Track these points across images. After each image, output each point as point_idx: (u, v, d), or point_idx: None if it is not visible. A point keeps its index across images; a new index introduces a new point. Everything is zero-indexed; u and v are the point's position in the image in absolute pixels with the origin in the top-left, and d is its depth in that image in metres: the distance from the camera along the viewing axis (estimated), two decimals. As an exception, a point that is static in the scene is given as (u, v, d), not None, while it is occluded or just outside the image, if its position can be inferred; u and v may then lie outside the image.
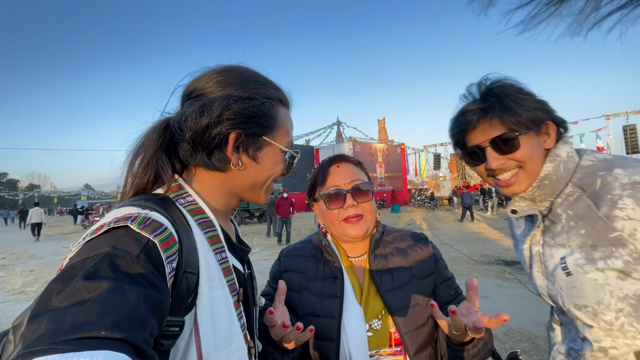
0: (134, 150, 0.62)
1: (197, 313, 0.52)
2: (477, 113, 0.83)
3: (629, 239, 0.72)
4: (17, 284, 6.65)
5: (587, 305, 0.77)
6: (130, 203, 0.53)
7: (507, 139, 0.81)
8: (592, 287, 0.76)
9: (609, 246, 0.74)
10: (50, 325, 0.35)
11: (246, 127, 0.60)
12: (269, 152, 0.64)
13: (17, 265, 9.03)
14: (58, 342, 0.34)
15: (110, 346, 0.34)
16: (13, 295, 5.91)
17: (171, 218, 0.53)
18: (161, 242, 0.48)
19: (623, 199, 0.73)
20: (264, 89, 0.64)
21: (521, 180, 0.83)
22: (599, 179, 0.77)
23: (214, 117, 0.58)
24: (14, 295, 5.93)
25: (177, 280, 0.50)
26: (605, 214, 0.74)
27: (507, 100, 0.81)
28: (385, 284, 0.88)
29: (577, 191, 0.80)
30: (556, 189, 0.83)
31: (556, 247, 0.83)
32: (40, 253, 11.25)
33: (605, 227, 0.74)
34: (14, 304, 5.42)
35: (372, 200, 0.93)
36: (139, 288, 0.41)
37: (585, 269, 0.76)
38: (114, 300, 0.38)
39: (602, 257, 0.74)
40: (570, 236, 0.80)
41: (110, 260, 0.42)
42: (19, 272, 7.93)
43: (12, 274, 7.67)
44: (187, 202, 0.60)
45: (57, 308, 0.37)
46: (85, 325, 0.35)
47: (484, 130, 0.83)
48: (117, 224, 0.47)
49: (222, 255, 0.60)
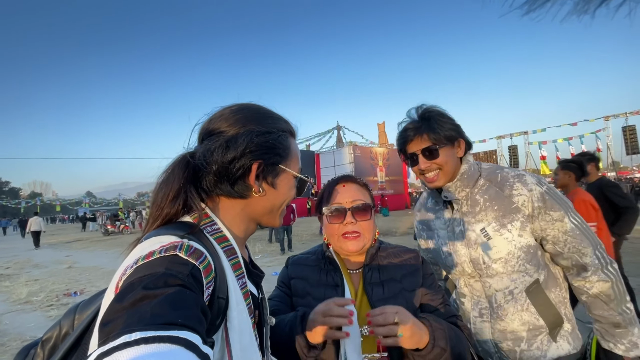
0: (159, 185, 0.67)
1: (230, 336, 0.57)
2: (414, 130, 1.19)
3: (521, 207, 1.15)
4: (22, 293, 6.69)
5: (501, 257, 1.15)
6: (168, 232, 0.57)
7: (432, 150, 1.17)
8: (505, 243, 1.15)
9: (511, 214, 1.16)
10: (132, 319, 0.39)
11: (266, 157, 0.67)
12: (284, 179, 0.71)
13: (21, 274, 9.08)
14: (147, 325, 0.38)
15: (187, 330, 0.40)
16: (19, 305, 5.94)
17: (205, 247, 0.57)
18: (204, 270, 0.53)
19: (516, 184, 1.18)
20: (278, 123, 0.71)
21: (440, 177, 1.21)
22: (499, 174, 1.23)
23: (240, 151, 0.64)
24: (20, 305, 5.97)
25: (211, 305, 0.54)
26: (508, 194, 1.18)
27: (433, 123, 1.16)
28: (377, 294, 0.96)
29: (487, 183, 1.23)
30: (470, 182, 1.23)
31: (476, 223, 1.20)
32: (44, 262, 11.29)
33: (509, 202, 1.17)
34: (21, 313, 5.47)
35: (371, 220, 1.02)
36: (194, 295, 0.47)
37: (500, 232, 1.16)
38: (179, 299, 0.44)
39: (509, 221, 1.16)
40: (488, 212, 1.19)
41: (166, 277, 0.47)
42: (24, 281, 7.97)
43: (17, 284, 7.72)
44: (214, 230, 0.65)
45: (130, 310, 0.41)
46: (163, 315, 0.40)
47: (417, 142, 1.19)
48: (167, 252, 0.51)
49: (242, 281, 0.65)
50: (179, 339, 0.38)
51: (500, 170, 1.25)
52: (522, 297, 1.16)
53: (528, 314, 1.16)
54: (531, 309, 1.16)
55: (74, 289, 6.85)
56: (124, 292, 0.44)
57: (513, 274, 1.16)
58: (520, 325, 1.16)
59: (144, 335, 0.37)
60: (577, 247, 1.13)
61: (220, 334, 0.57)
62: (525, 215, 1.15)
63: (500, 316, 1.18)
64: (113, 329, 0.39)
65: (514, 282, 1.17)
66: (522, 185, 1.17)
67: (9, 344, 4.19)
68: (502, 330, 1.18)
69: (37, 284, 7.60)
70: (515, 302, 1.16)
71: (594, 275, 1.12)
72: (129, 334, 0.37)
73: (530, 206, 1.15)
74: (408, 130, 1.20)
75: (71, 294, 6.45)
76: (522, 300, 1.16)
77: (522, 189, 1.16)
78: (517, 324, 1.16)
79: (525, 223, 1.15)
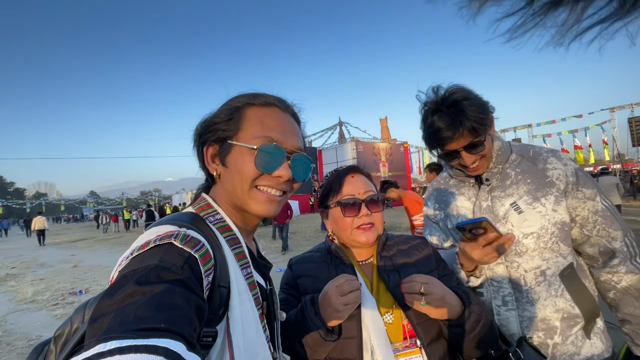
0: None
1: (230, 325, 0.56)
2: (451, 130, 1.06)
3: (555, 181, 1.10)
4: (28, 292, 6.73)
5: (534, 232, 1.08)
6: (168, 222, 0.58)
7: (476, 144, 1.09)
8: (538, 217, 1.08)
9: (545, 188, 1.10)
10: (115, 320, 0.39)
11: (207, 137, 0.67)
12: (235, 154, 0.65)
13: (27, 274, 9.14)
14: (126, 331, 0.37)
15: (169, 337, 0.38)
16: (25, 304, 5.98)
17: (205, 236, 0.57)
18: (200, 257, 0.52)
19: (550, 158, 1.14)
20: (230, 103, 0.69)
21: (483, 165, 1.15)
22: (531, 149, 1.20)
23: (195, 141, 0.70)
24: (26, 304, 6.00)
25: (212, 293, 0.54)
26: (542, 167, 1.13)
27: (466, 114, 1.03)
28: (394, 280, 0.93)
29: (518, 158, 1.18)
30: (504, 158, 1.18)
31: (505, 197, 1.14)
32: (50, 261, 11.38)
33: (543, 175, 1.12)
34: (26, 312, 5.49)
35: (382, 211, 1.01)
36: (185, 292, 0.45)
37: (533, 205, 1.09)
38: (167, 300, 0.43)
39: (542, 195, 1.09)
40: (519, 186, 1.13)
41: (158, 270, 0.46)
42: (30, 280, 8.02)
43: (23, 283, 7.76)
44: (216, 219, 0.65)
45: (117, 307, 0.41)
46: (147, 318, 0.39)
47: (458, 141, 1.08)
48: (161, 241, 0.51)
49: (247, 271, 0.64)
50: (157, 348, 0.36)
51: (532, 147, 1.21)
52: (556, 281, 1.06)
53: (563, 300, 1.05)
54: (566, 295, 1.06)
55: (79, 287, 6.88)
56: (116, 286, 0.44)
57: (545, 251, 1.08)
58: (554, 312, 1.05)
59: (120, 344, 0.35)
60: (607, 229, 1.06)
61: (224, 324, 0.56)
62: (560, 190, 1.09)
63: (531, 300, 1.08)
64: (96, 330, 0.39)
65: (546, 262, 1.07)
66: (557, 160, 1.13)
67: (14, 343, 4.20)
68: (532, 318, 1.08)
69: (42, 283, 7.65)
70: (548, 285, 1.07)
71: (622, 266, 1.04)
72: (104, 343, 0.35)
73: (564, 180, 1.09)
74: (442, 131, 1.07)
75: (76, 292, 6.48)
76: (556, 284, 1.06)
77: (557, 163, 1.12)
78: (550, 310, 1.05)
79: (559, 198, 1.09)
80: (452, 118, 1.04)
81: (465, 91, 1.08)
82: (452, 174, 1.31)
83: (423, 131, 1.16)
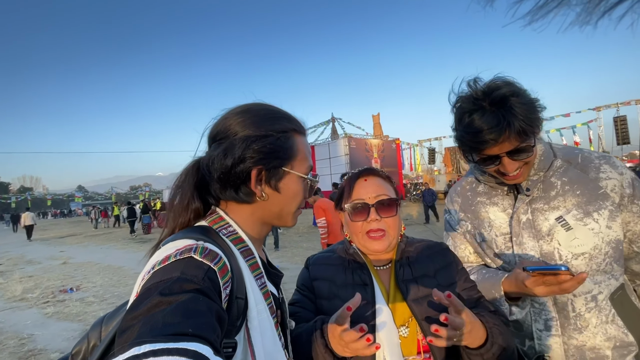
0: (174, 191, 0.70)
1: (252, 335, 0.58)
2: (496, 132, 0.89)
3: (610, 193, 0.96)
4: (17, 290, 6.63)
5: (585, 252, 0.94)
6: (184, 236, 0.59)
7: (523, 150, 0.93)
8: (590, 235, 0.94)
9: (598, 201, 0.96)
10: (145, 327, 0.41)
11: (265, 162, 0.66)
12: (289, 181, 0.69)
13: (15, 271, 8.97)
14: (157, 336, 0.39)
15: (197, 341, 0.41)
16: (14, 303, 5.89)
17: (221, 248, 0.58)
18: (219, 270, 0.54)
19: (603, 165, 0.99)
20: (278, 124, 0.69)
21: (524, 172, 0.99)
22: (579, 155, 1.03)
23: (237, 158, 0.65)
24: (15, 302, 5.92)
25: (230, 305, 0.56)
26: (594, 177, 0.98)
27: (516, 114, 0.87)
28: (412, 292, 0.89)
29: (564, 164, 1.03)
30: (547, 164, 1.02)
31: (549, 211, 0.99)
32: (38, 258, 11.18)
33: (595, 186, 0.97)
34: (16, 311, 5.42)
35: (396, 216, 0.95)
36: (208, 300, 0.48)
37: (584, 221, 0.95)
38: (192, 307, 0.45)
39: (595, 209, 0.95)
40: (567, 198, 0.98)
41: (181, 282, 0.48)
42: (18, 278, 7.89)
43: (11, 280, 7.63)
44: (229, 232, 0.66)
45: (144, 317, 0.42)
46: (175, 324, 0.41)
47: (502, 145, 0.92)
48: (182, 255, 0.53)
49: (262, 281, 0.66)
50: (188, 351, 0.38)
51: (580, 151, 1.04)
52: (607, 306, 0.95)
53: (614, 327, 0.94)
54: (618, 321, 0.94)
55: (70, 285, 6.79)
56: (140, 298, 0.46)
57: (597, 274, 0.95)
58: (605, 341, 0.94)
59: (153, 347, 0.37)
60: None
61: (243, 335, 0.58)
62: (615, 203, 0.95)
63: (578, 328, 0.96)
64: (127, 338, 0.40)
65: (598, 286, 0.95)
66: (612, 168, 0.98)
67: (6, 342, 4.16)
68: (580, 347, 0.96)
69: (31, 281, 7.53)
70: (599, 311, 0.95)
71: None
72: (138, 347, 0.37)
73: (619, 192, 0.95)
74: (484, 133, 0.90)
75: (67, 290, 6.40)
76: (607, 309, 0.95)
77: (612, 172, 0.97)
78: (601, 339, 0.94)
79: (614, 212, 0.94)
80: (498, 118, 0.88)
81: (512, 85, 0.91)
82: (482, 178, 1.14)
83: (457, 132, 0.98)
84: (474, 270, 1.16)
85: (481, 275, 1.11)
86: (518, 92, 0.90)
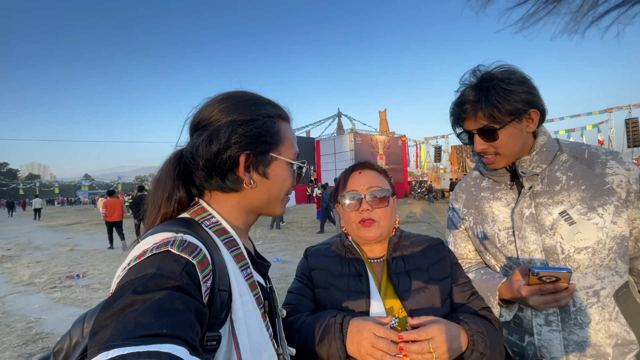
0: (155, 183, 0.68)
1: (235, 328, 0.57)
2: (471, 104, 0.97)
3: (616, 188, 0.96)
4: (25, 275, 6.76)
5: (588, 247, 0.95)
6: (164, 228, 0.57)
7: (488, 130, 0.97)
8: (594, 230, 0.95)
9: (603, 196, 0.96)
10: (117, 329, 0.39)
11: (253, 147, 0.65)
12: (277, 167, 0.68)
13: (22, 256, 9.15)
14: (128, 338, 0.38)
15: (171, 342, 0.39)
16: (22, 287, 6.01)
17: (202, 240, 0.57)
18: (198, 264, 0.52)
19: (610, 161, 0.99)
20: (263, 109, 0.68)
21: (498, 161, 1.03)
22: (586, 150, 1.03)
23: (223, 143, 0.62)
24: (23, 286, 6.04)
25: (212, 298, 0.54)
26: (599, 172, 0.98)
27: (492, 95, 0.93)
28: (403, 284, 0.93)
29: (570, 159, 1.03)
30: (549, 156, 1.03)
31: (553, 205, 1.00)
32: (45, 244, 11.38)
33: (601, 181, 0.97)
34: (24, 295, 5.53)
35: (388, 207, 0.98)
36: (185, 297, 0.46)
37: (588, 215, 0.96)
38: (167, 305, 0.43)
39: (600, 204, 0.95)
40: (571, 192, 0.99)
41: (156, 278, 0.46)
42: (26, 263, 8.04)
43: (19, 265, 7.78)
44: (212, 223, 0.65)
45: (117, 317, 0.41)
46: (148, 325, 0.39)
47: (475, 120, 0.99)
48: (158, 250, 0.51)
49: (247, 272, 0.65)
50: (160, 353, 0.37)
51: (587, 147, 1.05)
52: (610, 303, 0.95)
53: (617, 324, 0.94)
54: (620, 318, 0.94)
55: (76, 271, 6.91)
56: (114, 297, 0.44)
57: (600, 269, 0.95)
58: (607, 338, 0.94)
59: (122, 352, 0.35)
60: None
61: (227, 327, 0.57)
62: (622, 198, 0.95)
63: (579, 324, 0.96)
64: (98, 341, 0.38)
65: (600, 281, 0.95)
66: (618, 164, 0.98)
67: (14, 325, 4.25)
68: (580, 342, 0.96)
69: (39, 266, 7.67)
70: (602, 307, 0.95)
71: None
72: (107, 351, 0.36)
73: (626, 188, 0.95)
74: (465, 104, 0.98)
75: (74, 276, 6.51)
76: (610, 306, 0.95)
77: (619, 168, 0.97)
78: (602, 336, 0.94)
79: (620, 208, 0.94)
80: (478, 94, 0.96)
81: (510, 73, 0.96)
82: (486, 173, 1.17)
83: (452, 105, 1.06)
84: (472, 269, 1.18)
85: (479, 275, 1.13)
86: (510, 79, 0.94)
